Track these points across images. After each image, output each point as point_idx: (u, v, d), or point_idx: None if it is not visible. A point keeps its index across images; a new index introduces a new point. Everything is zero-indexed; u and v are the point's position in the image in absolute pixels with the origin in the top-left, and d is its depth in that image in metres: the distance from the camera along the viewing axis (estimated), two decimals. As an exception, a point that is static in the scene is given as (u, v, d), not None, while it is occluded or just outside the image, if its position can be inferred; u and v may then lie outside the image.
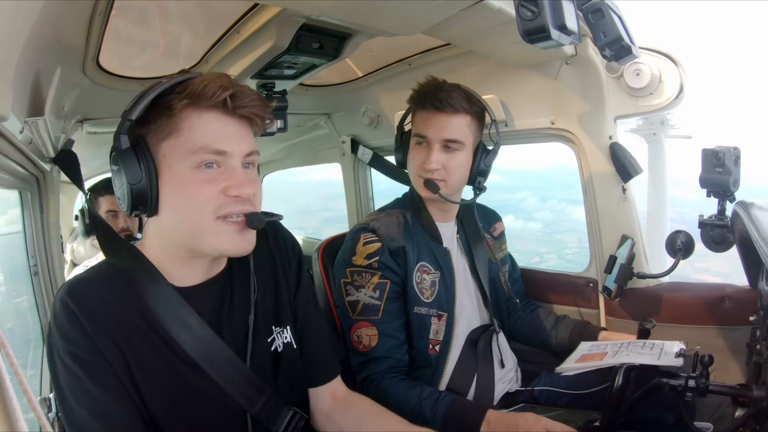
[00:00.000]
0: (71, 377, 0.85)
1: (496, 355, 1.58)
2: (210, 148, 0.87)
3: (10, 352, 0.47)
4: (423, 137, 1.47)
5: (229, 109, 0.88)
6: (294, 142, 2.92)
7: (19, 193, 1.48)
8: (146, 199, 0.88)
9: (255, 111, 0.91)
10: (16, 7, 0.67)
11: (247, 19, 1.36)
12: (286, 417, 1.00)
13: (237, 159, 0.90)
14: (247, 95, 0.90)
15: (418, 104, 1.48)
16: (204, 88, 0.87)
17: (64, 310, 0.86)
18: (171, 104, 0.87)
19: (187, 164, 0.87)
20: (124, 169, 0.87)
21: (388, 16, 1.22)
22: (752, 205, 1.19)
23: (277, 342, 1.05)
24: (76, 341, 0.85)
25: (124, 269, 0.94)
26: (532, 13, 0.90)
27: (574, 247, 9.56)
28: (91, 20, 1.13)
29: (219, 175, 0.89)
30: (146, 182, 0.87)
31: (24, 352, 1.51)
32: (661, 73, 1.60)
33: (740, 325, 1.48)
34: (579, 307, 1.85)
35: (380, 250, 1.45)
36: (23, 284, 1.53)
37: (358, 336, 1.43)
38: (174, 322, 0.92)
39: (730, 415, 1.23)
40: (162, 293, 0.93)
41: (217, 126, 0.89)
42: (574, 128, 1.72)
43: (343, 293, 1.47)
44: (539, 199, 11.25)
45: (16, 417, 0.43)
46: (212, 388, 0.93)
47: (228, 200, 0.89)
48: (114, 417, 0.85)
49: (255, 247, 0.99)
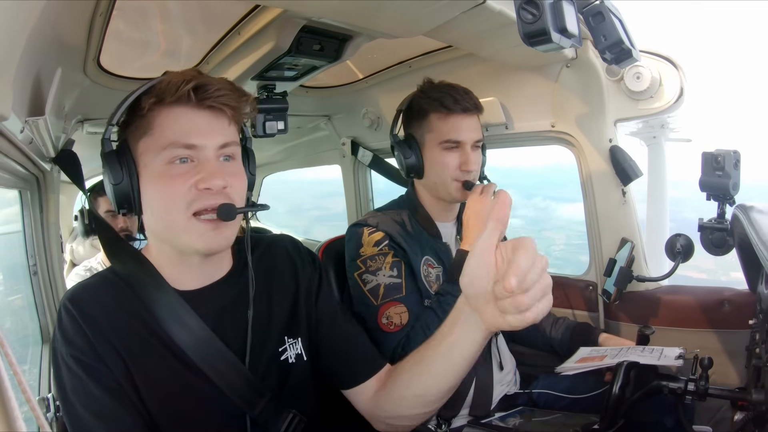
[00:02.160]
0: (75, 380, 0.86)
1: (495, 358, 1.58)
2: (180, 143, 0.87)
3: (9, 352, 0.47)
4: (457, 142, 1.47)
5: (195, 101, 0.88)
6: (294, 144, 2.92)
7: (19, 193, 1.49)
8: (129, 199, 0.90)
9: (224, 101, 0.89)
10: (17, 7, 0.67)
11: (248, 20, 1.36)
12: (285, 420, 0.99)
13: (210, 152, 0.89)
14: (212, 86, 0.88)
15: (442, 109, 1.47)
16: (168, 84, 0.87)
17: (67, 315, 0.87)
18: (141, 104, 0.88)
19: (160, 160, 0.88)
20: (107, 171, 0.89)
21: (389, 19, 1.22)
22: (752, 208, 1.19)
23: (289, 353, 1.04)
24: (79, 346, 0.86)
25: (126, 274, 0.95)
26: (533, 16, 0.91)
27: (562, 244, 9.52)
28: (92, 20, 1.13)
29: (191, 170, 0.88)
30: (127, 182, 0.89)
31: (23, 351, 1.51)
32: (662, 76, 1.60)
33: (739, 328, 1.48)
34: (578, 309, 1.85)
35: (386, 237, 1.46)
36: (22, 284, 1.53)
37: (388, 317, 1.40)
38: (175, 324, 0.91)
39: (729, 418, 1.23)
40: (165, 298, 0.92)
41: (185, 120, 0.88)
42: (574, 131, 1.72)
43: (360, 285, 1.45)
44: (524, 196, 11.26)
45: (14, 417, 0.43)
46: (212, 390, 0.93)
47: (200, 194, 0.87)
48: (117, 419, 0.86)
49: (269, 254, 1.02)
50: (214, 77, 0.91)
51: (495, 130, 1.87)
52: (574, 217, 10.53)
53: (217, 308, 0.98)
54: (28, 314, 1.54)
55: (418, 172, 1.54)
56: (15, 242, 1.52)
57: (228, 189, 0.89)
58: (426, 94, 1.50)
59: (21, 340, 1.54)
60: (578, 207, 1.82)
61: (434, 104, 1.48)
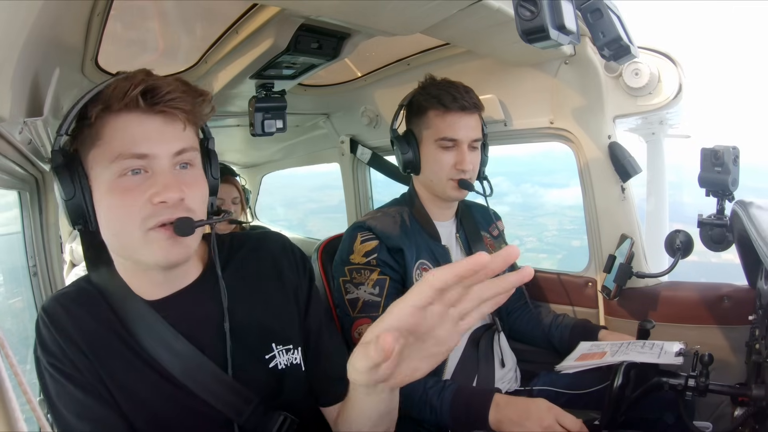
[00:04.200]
0: (57, 386, 0.86)
1: (497, 355, 1.58)
2: (129, 153, 0.80)
3: (9, 353, 0.47)
4: (453, 140, 1.47)
5: (144, 107, 0.81)
6: (293, 142, 2.92)
7: (18, 194, 1.48)
8: (83, 214, 0.84)
9: (176, 104, 0.82)
10: (15, 7, 0.67)
11: (245, 19, 1.36)
12: (276, 423, 0.95)
13: (164, 161, 0.82)
14: (162, 89, 0.81)
15: (440, 106, 1.47)
16: (114, 89, 0.80)
17: (43, 325, 0.87)
18: (88, 113, 0.82)
19: (111, 173, 0.81)
20: (57, 185, 0.83)
21: (387, 16, 1.22)
22: (751, 204, 1.19)
23: (278, 360, 0.98)
24: (56, 354, 0.86)
25: (100, 285, 0.92)
26: (531, 12, 0.90)
27: (554, 230, 9.53)
28: (90, 20, 1.13)
29: (144, 182, 0.82)
30: (80, 196, 0.83)
31: (23, 352, 1.51)
32: (660, 72, 1.60)
33: (739, 324, 1.48)
34: (578, 306, 1.85)
35: (378, 248, 1.45)
36: (22, 285, 1.53)
37: (360, 333, 1.43)
38: (149, 336, 0.89)
39: (729, 414, 1.23)
40: (135, 308, 0.90)
41: (135, 127, 0.81)
42: (573, 128, 1.72)
43: (342, 292, 1.47)
44: (513, 183, 11.29)
45: (15, 417, 0.43)
46: (194, 400, 0.90)
47: (156, 209, 0.81)
48: (102, 420, 0.86)
49: (255, 257, 0.98)
50: (165, 78, 0.85)
51: (494, 127, 1.87)
52: (563, 203, 10.53)
53: (188, 315, 0.93)
54: (29, 315, 1.54)
55: (415, 168, 1.54)
56: (15, 243, 1.52)
57: (186, 200, 0.83)
58: (426, 91, 1.50)
59: (22, 341, 1.54)
60: (565, 192, 1.83)
61: (432, 101, 1.48)
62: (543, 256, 7.26)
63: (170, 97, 0.82)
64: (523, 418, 1.16)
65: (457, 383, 1.35)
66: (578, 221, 1.84)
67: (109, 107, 0.81)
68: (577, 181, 1.79)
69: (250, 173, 3.60)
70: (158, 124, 0.83)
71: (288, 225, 4.23)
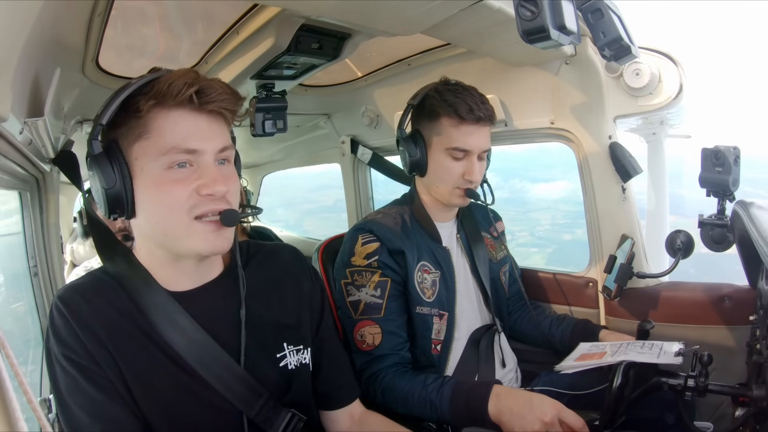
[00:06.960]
0: (69, 379, 0.86)
1: (497, 355, 1.58)
2: (180, 148, 0.86)
3: (10, 353, 0.47)
4: (464, 151, 1.45)
5: (197, 105, 0.86)
6: (294, 143, 2.92)
7: (18, 194, 1.48)
8: (122, 203, 0.88)
9: (224, 105, 0.89)
10: (16, 7, 0.67)
11: (246, 19, 1.36)
12: (284, 419, 0.98)
13: (209, 156, 0.89)
14: (214, 89, 0.87)
15: (455, 115, 1.43)
16: (169, 86, 0.85)
17: (59, 315, 0.87)
18: (138, 106, 0.85)
19: (159, 165, 0.86)
20: (98, 174, 0.86)
21: (387, 16, 1.22)
22: (752, 204, 1.19)
23: (289, 360, 1.03)
24: (71, 345, 0.86)
25: (118, 275, 0.94)
26: (532, 13, 0.90)
27: (547, 224, 9.61)
28: (91, 21, 1.13)
29: (191, 174, 0.87)
30: (120, 186, 0.87)
31: (24, 352, 1.51)
32: (661, 72, 1.60)
33: (740, 324, 1.48)
34: (579, 306, 1.85)
35: (379, 250, 1.45)
36: (23, 285, 1.52)
37: (362, 335, 1.43)
38: (168, 326, 0.91)
39: (730, 414, 1.23)
40: (155, 299, 0.92)
41: (186, 124, 0.87)
42: (574, 128, 1.72)
43: (344, 294, 1.47)
44: (501, 179, 11.33)
45: (16, 417, 0.43)
46: (207, 391, 0.93)
47: (202, 200, 0.87)
48: (112, 418, 0.86)
49: (271, 262, 1.04)
50: (212, 79, 0.90)
51: (494, 128, 1.87)
52: (550, 197, 10.52)
53: (209, 309, 0.97)
54: (30, 315, 1.54)
55: (422, 170, 1.52)
56: (15, 244, 1.52)
57: (227, 194, 0.89)
58: (441, 96, 1.45)
59: (23, 342, 1.54)
60: (552, 186, 1.84)
61: (448, 109, 1.44)
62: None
63: (220, 98, 0.88)
64: (525, 410, 1.15)
65: (456, 378, 1.35)
66: (570, 216, 1.85)
67: (162, 103, 0.86)
68: (571, 176, 1.79)
69: (251, 174, 3.60)
70: (206, 121, 0.89)
71: (286, 225, 4.24)
